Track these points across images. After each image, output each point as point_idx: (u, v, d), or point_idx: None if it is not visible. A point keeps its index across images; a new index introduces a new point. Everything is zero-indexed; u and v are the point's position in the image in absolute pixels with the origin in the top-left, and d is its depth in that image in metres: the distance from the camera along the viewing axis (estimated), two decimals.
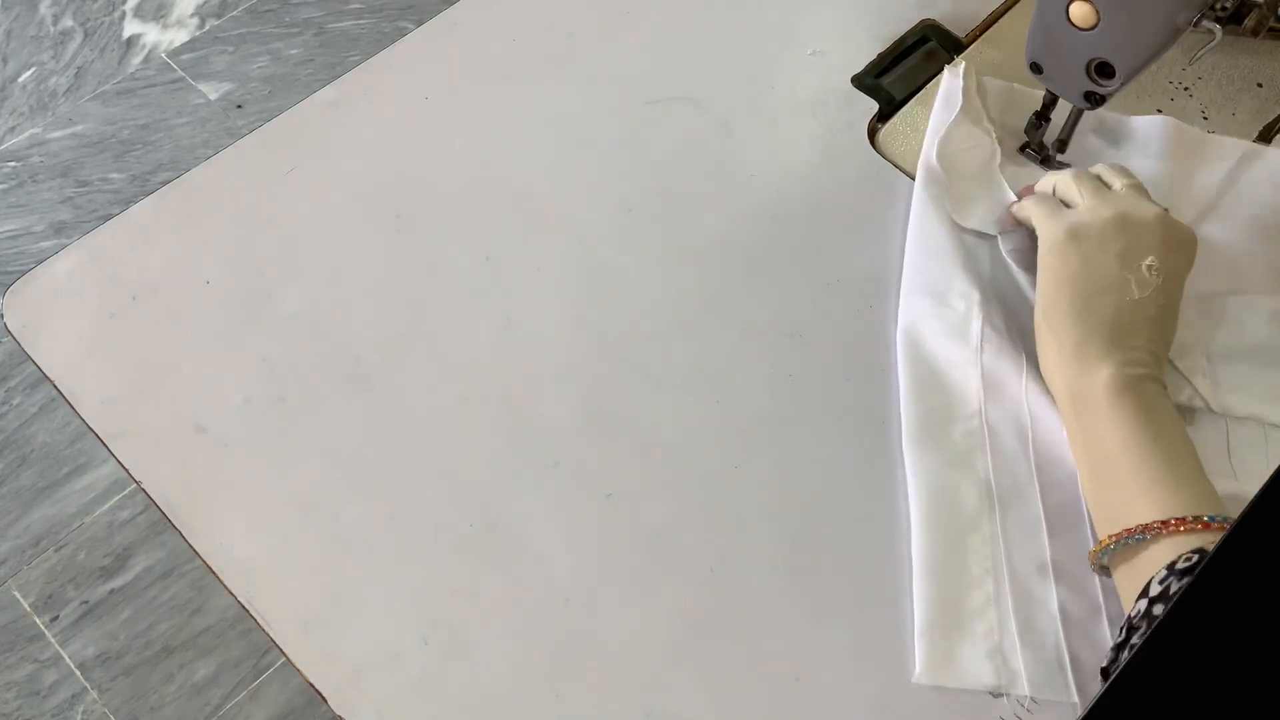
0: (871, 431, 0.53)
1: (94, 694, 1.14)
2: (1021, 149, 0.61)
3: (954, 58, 0.66)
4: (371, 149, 0.63)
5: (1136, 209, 0.51)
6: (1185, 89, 0.65)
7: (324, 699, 0.46)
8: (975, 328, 0.54)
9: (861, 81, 0.65)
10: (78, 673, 1.16)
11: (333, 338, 0.56)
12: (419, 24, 0.68)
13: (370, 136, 0.63)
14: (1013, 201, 0.58)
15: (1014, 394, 0.52)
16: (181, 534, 0.50)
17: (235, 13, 1.66)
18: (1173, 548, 0.43)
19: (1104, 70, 0.53)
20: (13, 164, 1.51)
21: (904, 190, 0.60)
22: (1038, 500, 0.50)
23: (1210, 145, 0.61)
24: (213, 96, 1.57)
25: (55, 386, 0.55)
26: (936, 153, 0.60)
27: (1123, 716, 0.29)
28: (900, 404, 0.53)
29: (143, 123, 1.55)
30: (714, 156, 0.62)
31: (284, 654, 0.47)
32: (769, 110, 0.64)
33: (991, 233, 0.58)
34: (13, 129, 1.54)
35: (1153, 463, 0.46)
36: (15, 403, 1.32)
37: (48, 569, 1.22)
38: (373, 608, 0.49)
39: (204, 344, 0.56)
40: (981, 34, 0.67)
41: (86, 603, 1.20)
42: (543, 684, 0.47)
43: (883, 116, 0.64)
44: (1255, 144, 0.61)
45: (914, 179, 0.60)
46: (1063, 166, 0.60)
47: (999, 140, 0.61)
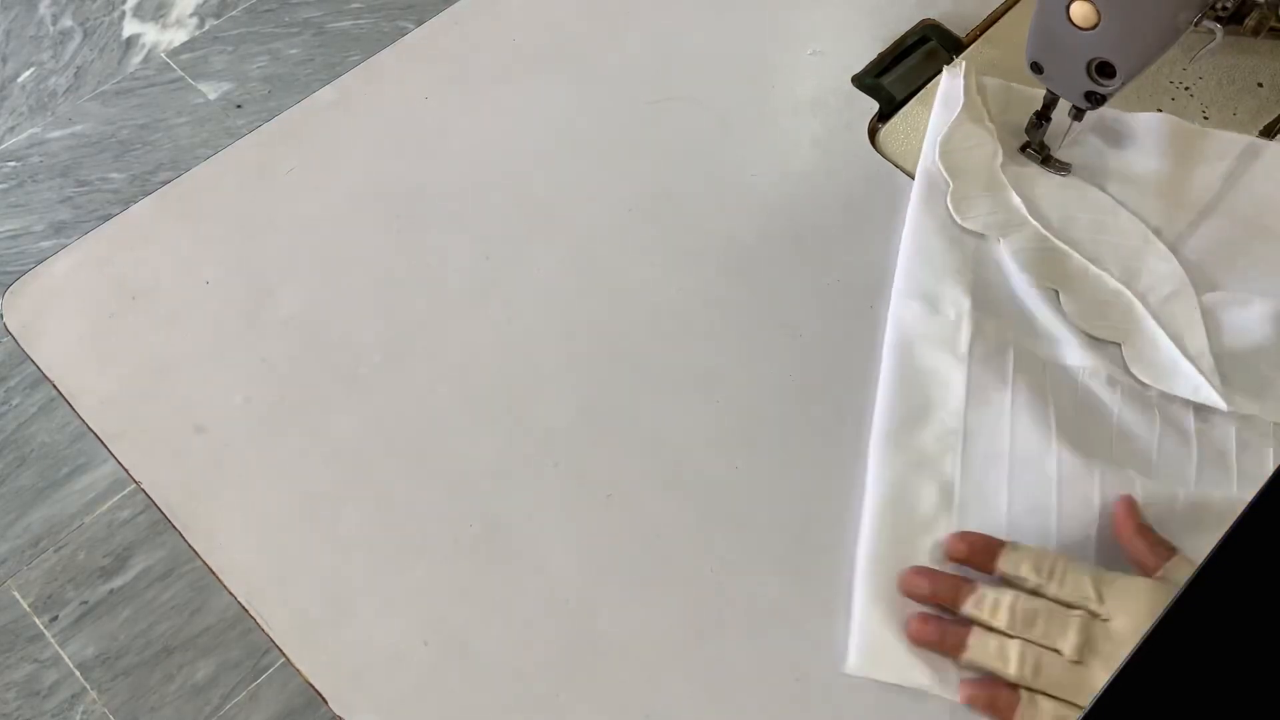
0: (871, 431, 0.53)
1: (94, 694, 1.14)
2: (1022, 149, 0.61)
3: (954, 58, 0.66)
4: (371, 149, 0.63)
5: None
6: (1185, 89, 0.65)
7: (324, 699, 0.46)
8: (965, 336, 0.54)
9: (862, 81, 0.65)
10: (77, 673, 1.16)
11: (333, 338, 0.56)
12: (419, 24, 0.68)
13: (370, 136, 0.63)
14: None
15: (998, 403, 0.52)
16: (181, 534, 0.50)
17: (234, 12, 1.66)
18: None
19: (1104, 70, 0.53)
20: (12, 164, 1.51)
21: (904, 190, 0.60)
22: (1003, 509, 0.49)
23: (1210, 141, 0.61)
24: (212, 96, 1.57)
25: (55, 386, 0.55)
26: (938, 153, 0.60)
27: (1123, 716, 0.29)
28: (877, 400, 0.53)
29: (142, 123, 1.55)
30: (714, 156, 0.62)
31: (284, 654, 0.47)
32: (769, 110, 0.64)
33: (992, 234, 0.58)
34: (12, 129, 1.54)
35: None
36: (15, 403, 1.32)
37: (47, 569, 1.21)
38: (373, 608, 0.49)
39: (204, 344, 0.56)
40: (982, 34, 0.67)
41: (86, 603, 1.19)
42: (543, 684, 0.47)
43: (883, 116, 0.64)
44: (1256, 139, 0.61)
45: (914, 179, 0.60)
46: (1063, 166, 0.60)
47: (1000, 140, 0.61)
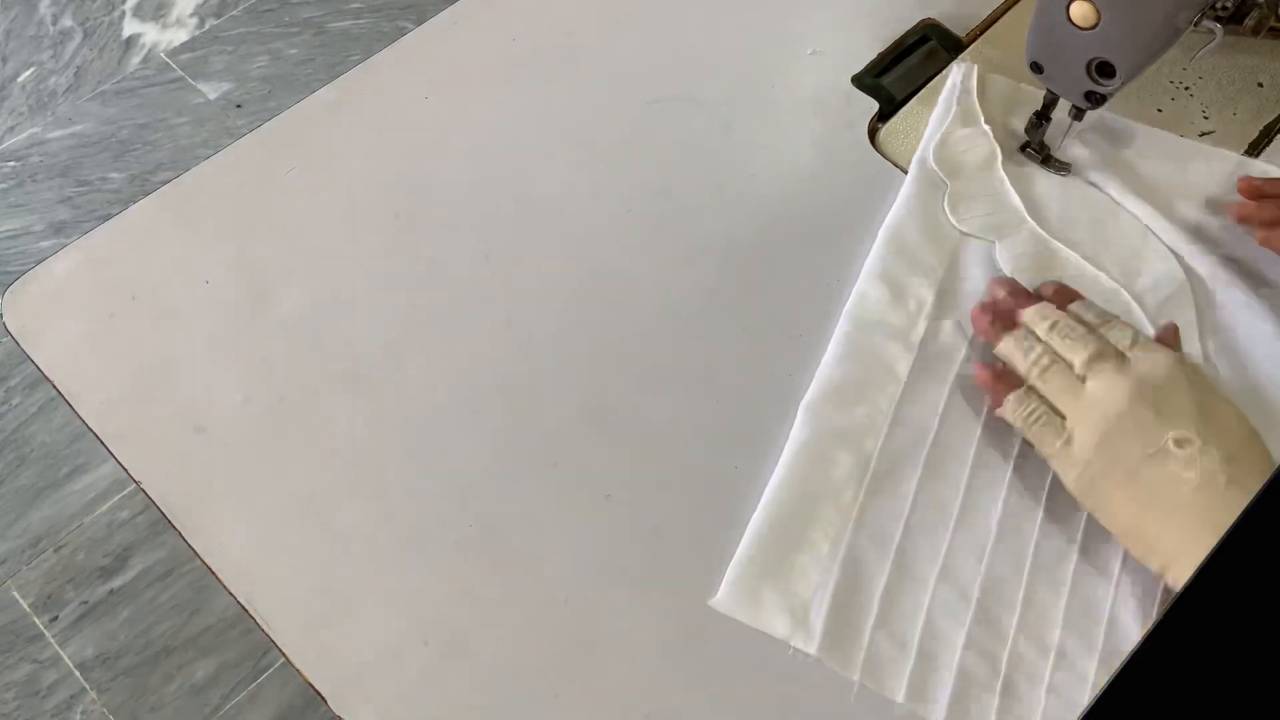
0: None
1: (93, 694, 1.14)
2: (1022, 149, 0.61)
3: (954, 57, 0.66)
4: (371, 149, 0.63)
5: (1114, 397, 0.47)
6: (1185, 89, 0.65)
7: (323, 699, 0.46)
8: (920, 330, 0.55)
9: (862, 81, 0.65)
10: (77, 673, 1.16)
11: (333, 337, 0.56)
12: (419, 24, 0.68)
13: (370, 136, 0.63)
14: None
15: (932, 403, 0.53)
16: (181, 534, 0.50)
17: (235, 12, 1.66)
18: None
19: (1104, 70, 0.53)
20: (12, 164, 1.51)
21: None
22: (909, 498, 0.50)
23: (1205, 156, 0.61)
24: (212, 96, 1.57)
25: (55, 386, 0.55)
26: (934, 155, 0.60)
27: (1123, 715, 0.29)
28: (820, 366, 0.54)
29: (142, 122, 1.55)
30: (714, 156, 0.62)
31: (283, 654, 0.47)
32: (769, 110, 0.64)
33: (988, 238, 0.58)
34: (12, 129, 1.54)
35: None
36: (15, 403, 1.32)
37: (47, 569, 1.21)
38: (373, 608, 0.49)
39: (204, 344, 0.56)
40: (982, 34, 0.67)
41: (86, 603, 1.19)
42: (542, 684, 0.47)
43: (883, 116, 0.64)
44: (1246, 158, 0.61)
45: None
46: (1062, 166, 0.60)
47: (998, 141, 0.61)
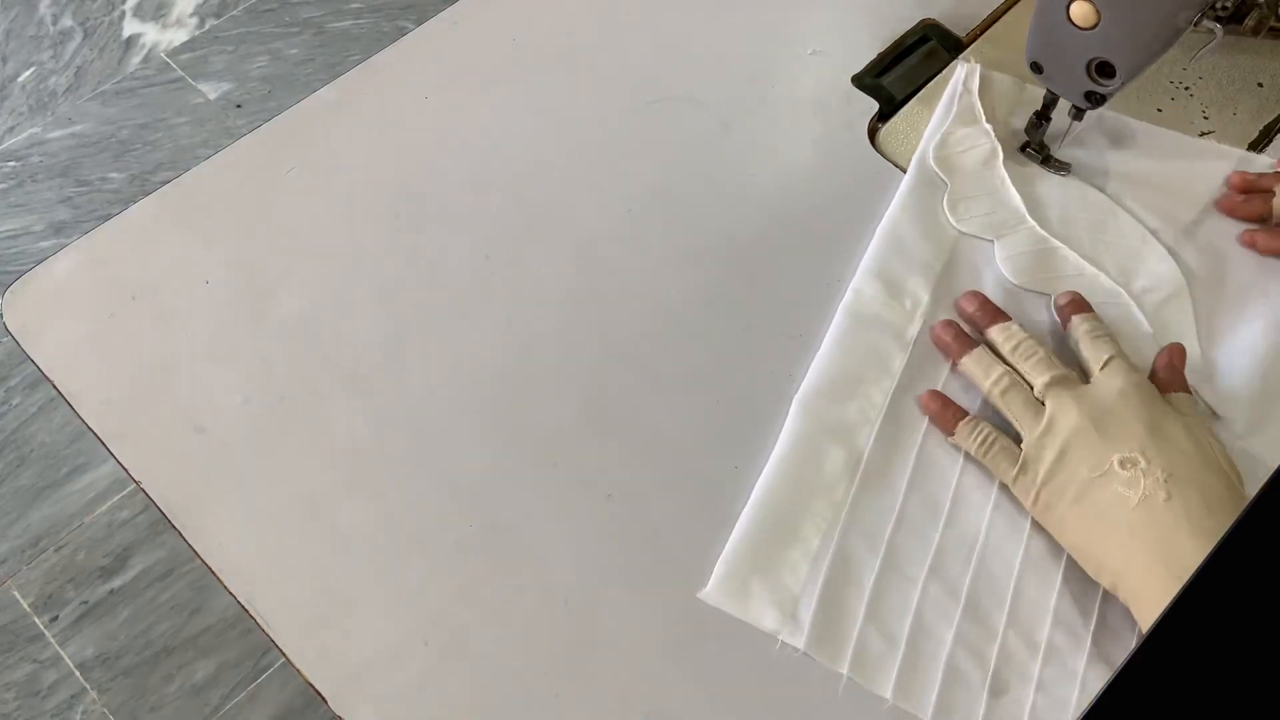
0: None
1: (93, 694, 1.14)
2: (1022, 148, 0.61)
3: (954, 57, 0.65)
4: (371, 149, 0.63)
5: (1066, 422, 0.48)
6: (1185, 89, 0.65)
7: (324, 699, 0.46)
8: (915, 327, 0.55)
9: (862, 81, 0.65)
10: (77, 673, 1.16)
11: (333, 337, 0.56)
12: (419, 24, 0.68)
13: (370, 136, 0.63)
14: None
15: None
16: (181, 534, 0.50)
17: (235, 12, 1.66)
18: None
19: (1104, 70, 0.53)
20: (12, 164, 1.51)
21: None
22: (900, 494, 0.50)
23: (1207, 151, 0.61)
24: (212, 96, 1.57)
25: (55, 386, 0.55)
26: (933, 155, 0.60)
27: (1123, 715, 0.29)
28: (815, 359, 0.54)
29: (142, 122, 1.55)
30: (714, 156, 0.62)
31: (283, 654, 0.47)
32: (769, 110, 0.64)
33: (988, 238, 0.58)
34: (12, 129, 1.54)
35: None
36: (15, 403, 1.32)
37: (47, 569, 1.21)
38: (373, 608, 0.49)
39: (204, 344, 0.56)
40: (982, 34, 0.67)
41: (86, 603, 1.19)
42: (543, 684, 0.47)
43: (883, 116, 0.64)
44: (1249, 154, 0.61)
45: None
46: (1062, 166, 0.60)
47: (1000, 140, 0.61)
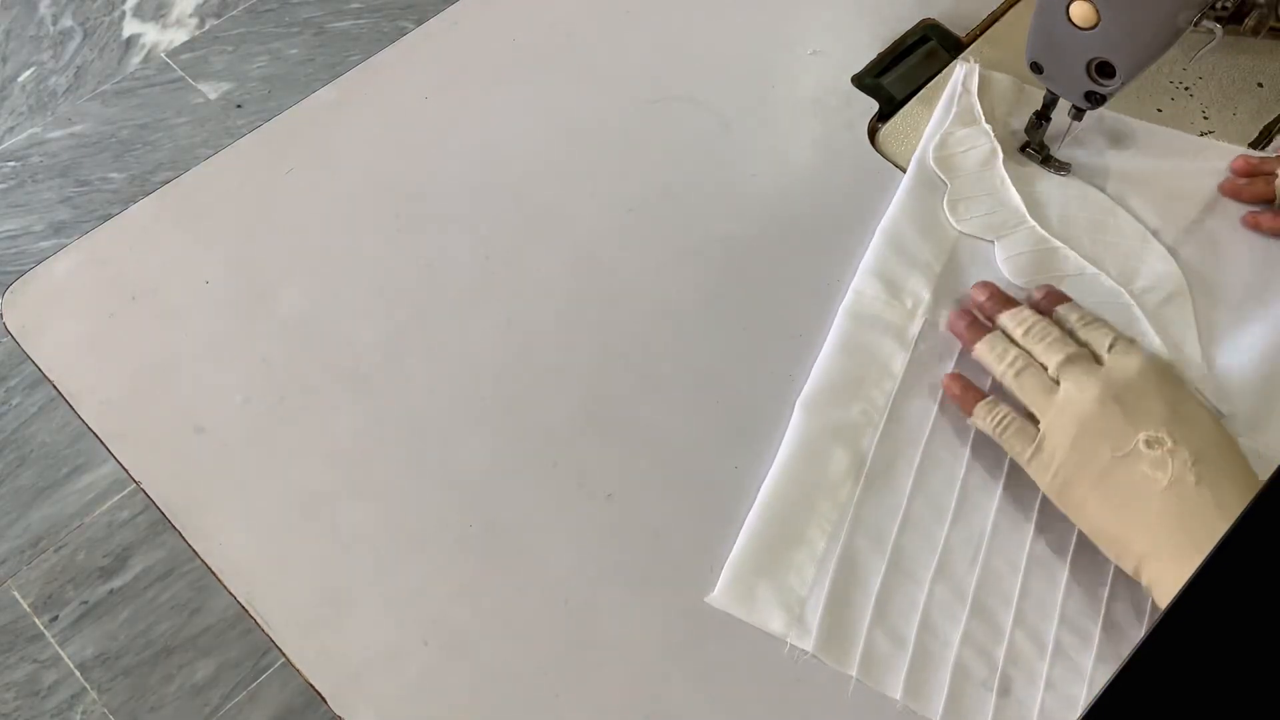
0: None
1: (93, 694, 1.14)
2: (1022, 149, 0.61)
3: (954, 57, 0.65)
4: (371, 149, 0.63)
5: (1085, 401, 0.47)
6: (1185, 89, 0.65)
7: (324, 699, 0.46)
8: (915, 326, 0.55)
9: (862, 81, 0.65)
10: (77, 673, 1.16)
11: (333, 338, 0.56)
12: (419, 24, 0.68)
13: (370, 136, 0.63)
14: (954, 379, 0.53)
15: (927, 398, 0.53)
16: (181, 534, 0.50)
17: (235, 12, 1.66)
18: None
19: (1104, 70, 0.53)
20: (12, 164, 1.51)
21: None
22: (905, 494, 0.50)
23: (1207, 150, 0.61)
24: (212, 96, 1.57)
25: (55, 386, 0.55)
26: (933, 155, 0.60)
27: (1123, 715, 0.29)
28: (816, 362, 0.54)
29: (142, 122, 1.55)
30: (714, 156, 0.62)
31: (284, 654, 0.47)
32: (769, 110, 0.64)
33: (988, 239, 0.58)
34: (12, 129, 1.54)
35: None
36: (15, 403, 1.32)
37: (47, 569, 1.21)
38: (373, 608, 0.49)
39: (204, 344, 0.56)
40: (982, 34, 0.67)
41: (86, 603, 1.19)
42: (543, 684, 0.47)
43: (883, 116, 0.64)
44: (1249, 150, 0.61)
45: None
46: (1062, 166, 0.60)
47: (1000, 140, 0.61)
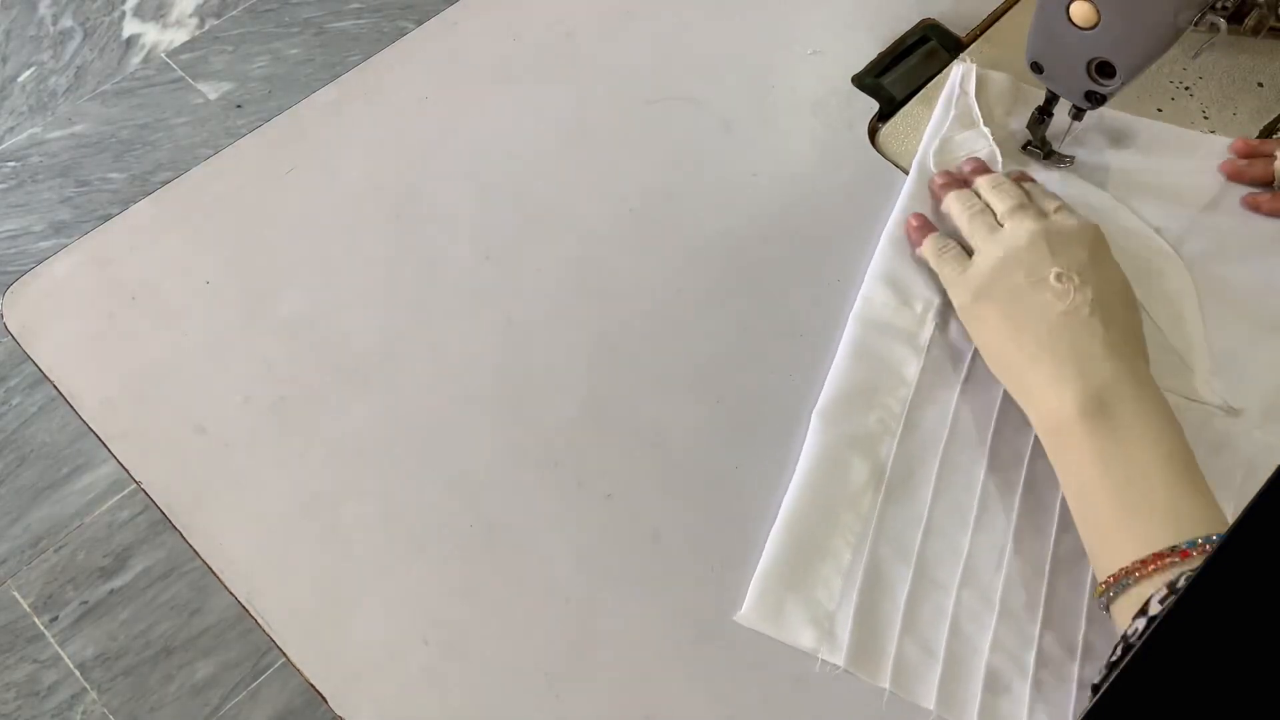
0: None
1: (93, 694, 1.14)
2: (1024, 147, 0.61)
3: (954, 57, 0.65)
4: (371, 149, 0.63)
5: (1018, 234, 0.52)
6: (1185, 88, 0.65)
7: (324, 699, 0.46)
8: (928, 331, 0.55)
9: (862, 81, 0.65)
10: (77, 673, 1.16)
11: (333, 338, 0.56)
12: (419, 24, 0.68)
13: (370, 136, 0.63)
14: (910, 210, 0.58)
15: (943, 403, 0.53)
16: (181, 534, 0.50)
17: (235, 12, 1.66)
18: (1162, 580, 0.42)
19: (1104, 70, 0.53)
20: (12, 164, 1.51)
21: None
22: (926, 502, 0.50)
23: (1208, 145, 0.61)
24: (212, 96, 1.57)
25: (55, 386, 0.55)
26: (934, 159, 0.60)
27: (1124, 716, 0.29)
28: (830, 371, 0.54)
29: (142, 122, 1.55)
30: (714, 156, 0.62)
31: (284, 654, 0.47)
32: (769, 110, 0.64)
33: None
34: (12, 129, 1.54)
35: (1129, 491, 0.44)
36: (15, 403, 1.32)
37: (47, 569, 1.21)
38: (373, 608, 0.49)
39: (204, 344, 0.56)
40: (982, 33, 0.67)
41: (86, 603, 1.19)
42: (543, 684, 0.47)
43: (883, 116, 0.64)
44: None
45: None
46: (1065, 160, 0.60)
47: (1000, 141, 0.61)
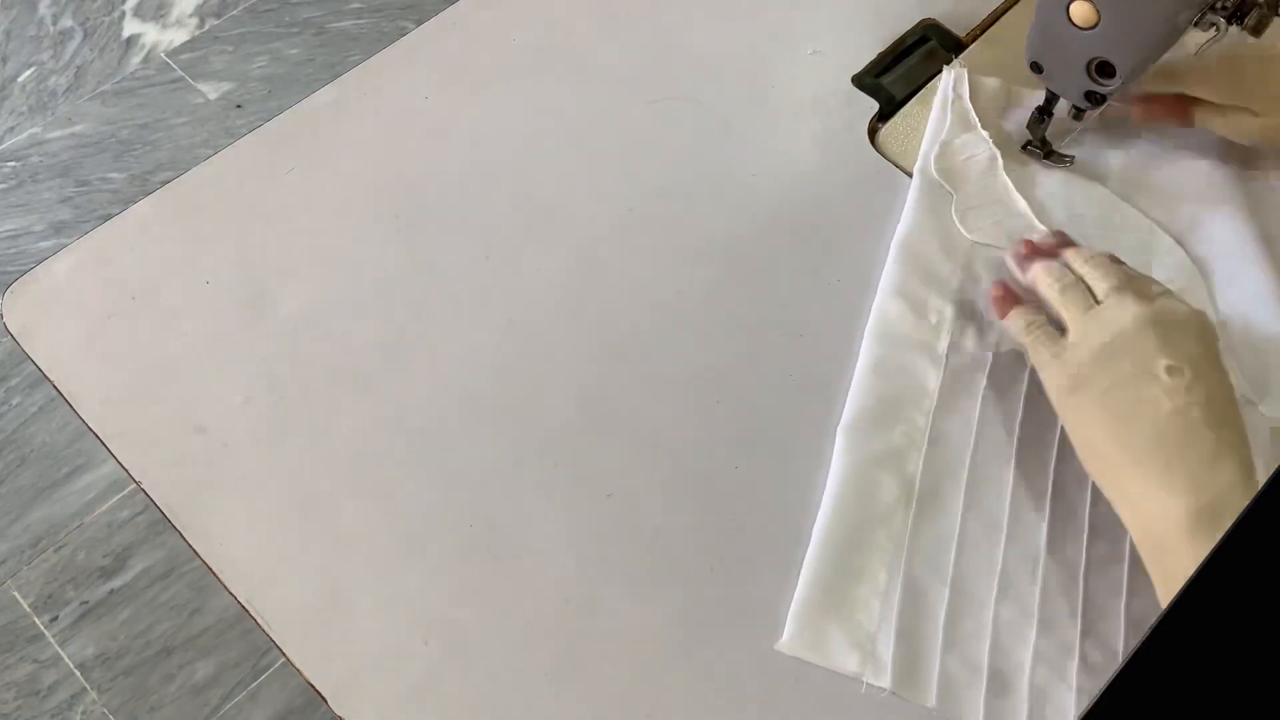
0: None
1: (93, 694, 1.14)
2: (1024, 147, 0.61)
3: (954, 57, 0.65)
4: (371, 149, 0.63)
5: (1123, 318, 0.48)
6: None
7: (324, 699, 0.46)
8: (943, 342, 0.54)
9: (862, 81, 0.65)
10: (77, 673, 1.16)
11: (333, 338, 0.56)
12: (419, 24, 0.68)
13: (370, 136, 0.63)
14: (1001, 295, 0.54)
15: (965, 412, 0.53)
16: (181, 534, 0.50)
17: (235, 12, 1.66)
18: None
19: (1105, 70, 0.53)
20: (12, 164, 1.51)
21: (904, 189, 0.60)
22: (957, 516, 0.50)
23: (1209, 144, 0.61)
24: (212, 96, 1.57)
25: (55, 386, 0.55)
26: (935, 165, 0.60)
27: (1121, 717, 0.29)
28: (851, 389, 0.53)
29: (142, 122, 1.55)
30: (714, 156, 0.62)
31: (284, 654, 0.47)
32: (769, 110, 0.64)
33: (1001, 245, 0.57)
34: (12, 129, 1.54)
35: None
36: (15, 403, 1.32)
37: (47, 569, 1.21)
38: (373, 608, 0.49)
39: (204, 344, 0.56)
40: (982, 33, 0.67)
41: (86, 603, 1.19)
42: (543, 684, 0.47)
43: (883, 116, 0.64)
44: (1245, 141, 0.61)
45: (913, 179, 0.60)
46: (1064, 159, 0.60)
47: (998, 144, 0.61)
